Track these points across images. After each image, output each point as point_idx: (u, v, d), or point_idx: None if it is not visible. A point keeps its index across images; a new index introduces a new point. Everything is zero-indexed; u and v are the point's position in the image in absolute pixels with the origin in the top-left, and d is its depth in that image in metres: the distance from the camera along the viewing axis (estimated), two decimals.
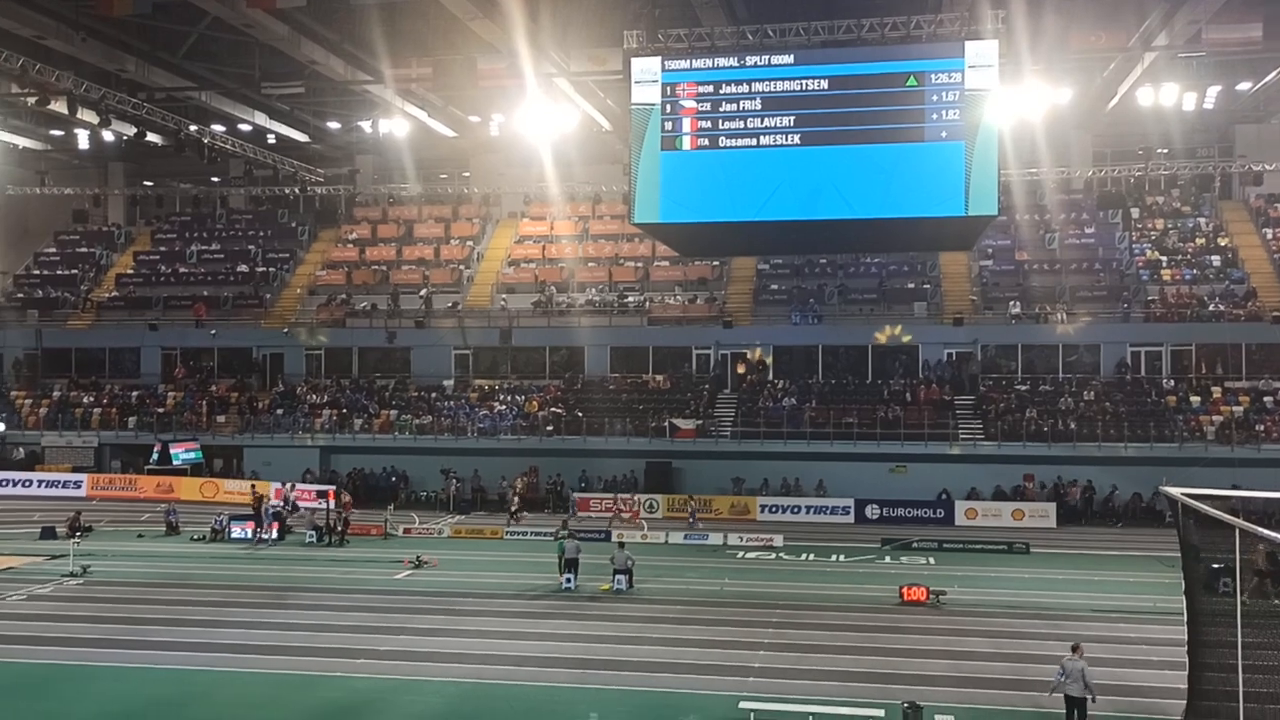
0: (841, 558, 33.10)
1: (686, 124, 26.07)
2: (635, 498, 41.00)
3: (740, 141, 25.95)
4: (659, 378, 47.11)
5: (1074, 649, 16.63)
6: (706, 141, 26.09)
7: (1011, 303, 46.46)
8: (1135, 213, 50.75)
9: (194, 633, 23.21)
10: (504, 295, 50.67)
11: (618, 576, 27.69)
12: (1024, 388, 44.34)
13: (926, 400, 43.64)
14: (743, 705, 17.55)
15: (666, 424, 43.42)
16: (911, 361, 46.06)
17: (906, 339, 45.64)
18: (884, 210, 25.85)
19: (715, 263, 50.15)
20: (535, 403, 45.79)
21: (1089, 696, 16.03)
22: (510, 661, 20.99)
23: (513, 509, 39.55)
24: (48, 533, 35.70)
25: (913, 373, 45.71)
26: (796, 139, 25.90)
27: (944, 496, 40.68)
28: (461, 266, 53.22)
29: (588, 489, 42.93)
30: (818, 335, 46.87)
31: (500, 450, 44.19)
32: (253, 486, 39.86)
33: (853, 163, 26.19)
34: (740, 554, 34.08)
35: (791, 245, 36.87)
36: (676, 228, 27.82)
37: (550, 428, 44.35)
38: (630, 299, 49.58)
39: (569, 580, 27.84)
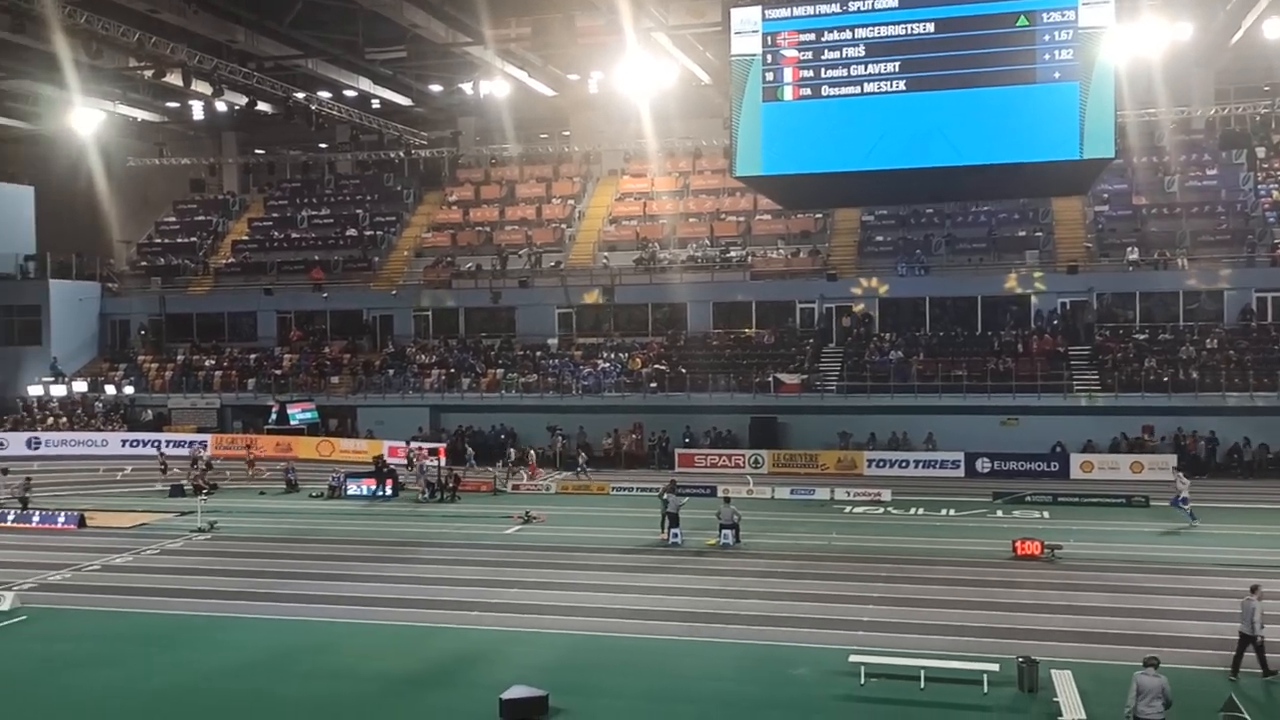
0: (952, 512, 32.63)
1: (788, 74, 25.59)
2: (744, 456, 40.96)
3: (844, 90, 25.39)
4: (762, 332, 46.82)
5: (1252, 590, 17.05)
6: (809, 91, 25.58)
7: (1129, 249, 44.87)
8: (1261, 152, 48.40)
9: (316, 586, 24.01)
10: (606, 253, 50.82)
11: (724, 531, 27.75)
12: (1142, 337, 42.88)
13: (1039, 351, 42.53)
14: (853, 659, 17.48)
15: (770, 379, 43.17)
16: (1023, 312, 44.89)
17: (1041, 286, 44.33)
18: (994, 156, 25.06)
19: (818, 215, 49.46)
20: (638, 359, 45.95)
21: (1257, 636, 16.61)
22: (619, 615, 21.24)
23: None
24: (176, 490, 37.26)
25: (1024, 323, 44.57)
26: (902, 85, 25.24)
27: (1058, 449, 39.70)
28: (563, 225, 53.49)
29: (692, 445, 43.01)
30: (924, 287, 45.99)
31: (604, 407, 44.50)
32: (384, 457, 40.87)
33: (960, 108, 25.39)
34: (847, 509, 33.83)
35: (897, 195, 36.03)
36: (779, 180, 27.41)
37: (654, 384, 44.49)
38: (732, 254, 49.26)
39: (676, 535, 28.00)
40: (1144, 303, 44.31)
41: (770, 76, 25.90)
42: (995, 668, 16.80)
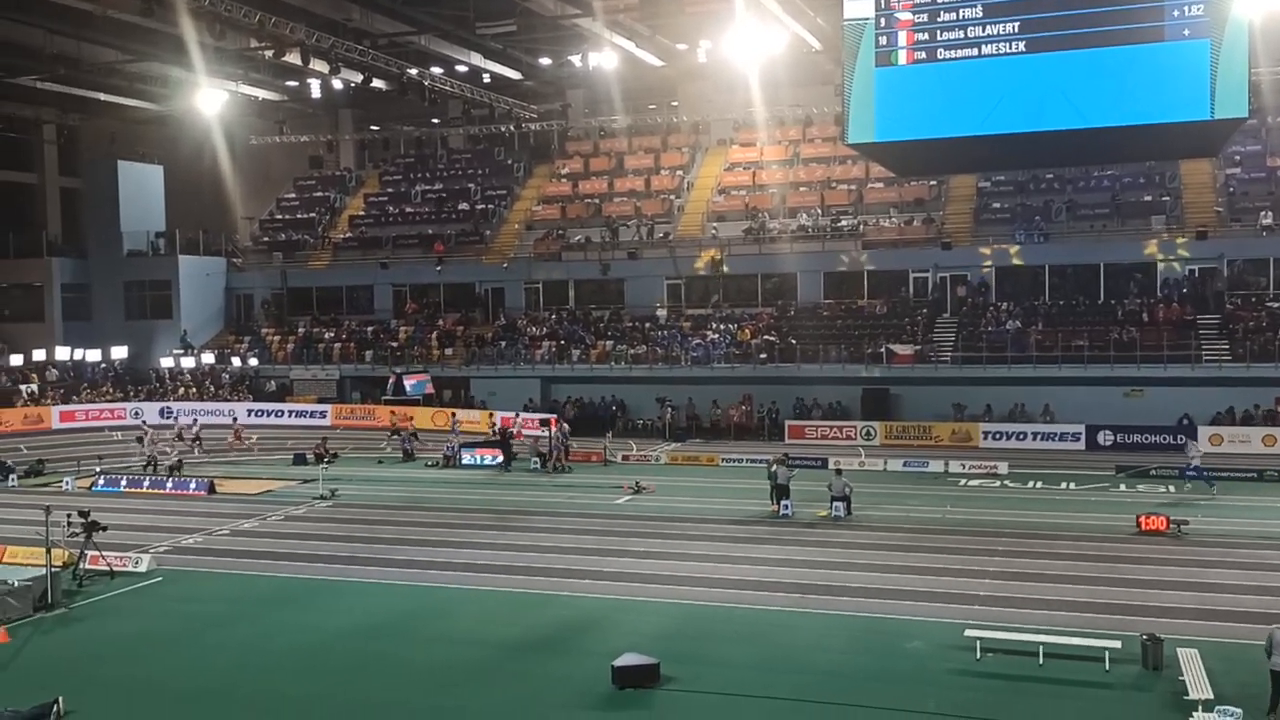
0: (1072, 485, 31.78)
1: (902, 37, 24.98)
2: None
3: (960, 52, 24.68)
4: (874, 302, 46.10)
5: None
6: (924, 55, 24.94)
7: (1262, 213, 42.78)
8: None
9: (432, 552, 24.60)
10: (714, 224, 50.57)
11: (835, 503, 27.54)
12: (1277, 305, 40.95)
13: (1165, 320, 40.98)
14: (969, 633, 17.20)
15: (883, 350, 42.53)
16: (1148, 280, 43.28)
17: (1167, 253, 42.67)
18: (1118, 118, 24.07)
19: (933, 182, 48.37)
20: (748, 330, 45.72)
21: None
22: (729, 585, 21.27)
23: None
24: (299, 459, 38.51)
25: (1150, 291, 42.97)
26: (1021, 46, 24.40)
27: (1185, 422, 38.27)
28: (672, 196, 53.38)
29: (802, 417, 42.68)
30: (1044, 254, 44.64)
31: (714, 378, 44.45)
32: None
33: (1083, 68, 24.45)
34: (962, 481, 33.24)
35: (1016, 160, 34.95)
36: (893, 146, 26.82)
37: (763, 355, 44.23)
38: (844, 223, 48.54)
39: (786, 507, 27.88)
40: (1278, 269, 42.30)
41: (884, 40, 25.32)
42: (1117, 645, 16.35)
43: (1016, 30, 24.42)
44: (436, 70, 48.24)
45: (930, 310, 44.84)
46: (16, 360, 49.58)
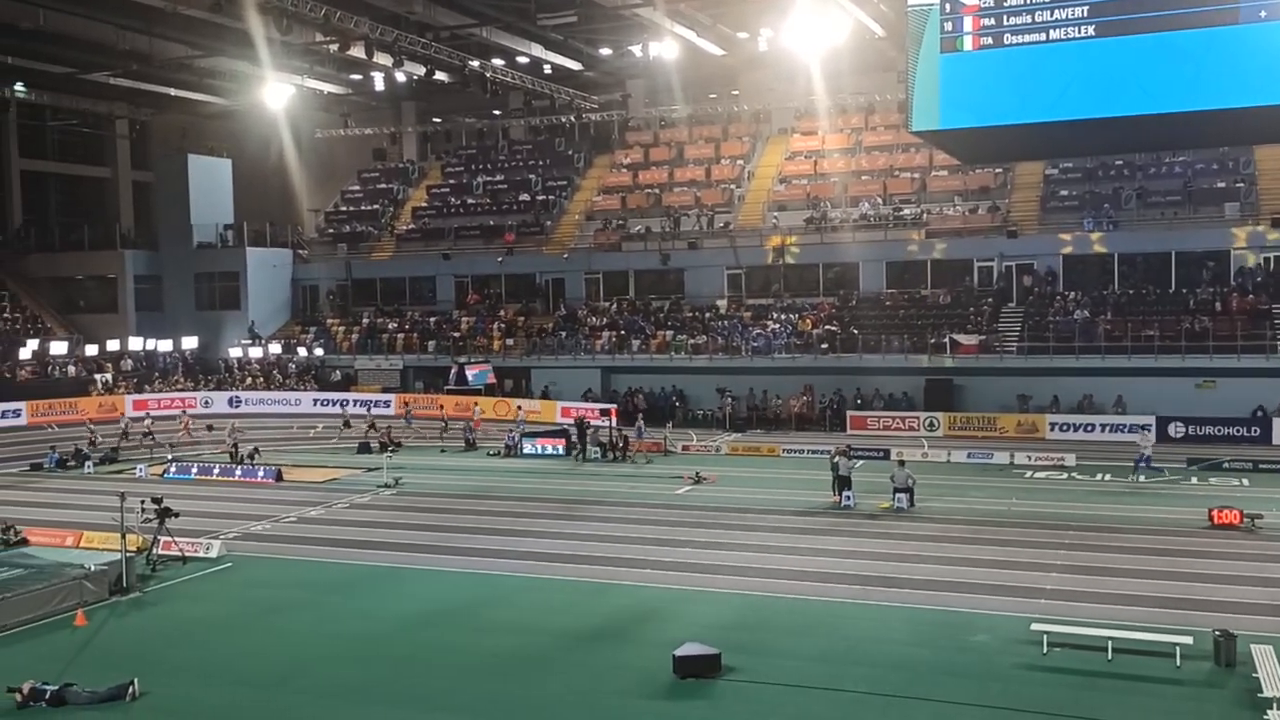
0: (1142, 478, 31.15)
1: (968, 23, 24.58)
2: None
3: (1028, 37, 24.22)
4: (938, 292, 45.55)
5: None
6: (990, 40, 24.53)
7: None
8: None
9: (494, 540, 24.79)
10: (775, 213, 50.27)
11: (898, 495, 27.28)
12: None
13: (1239, 310, 39.96)
14: (1035, 627, 16.95)
15: (946, 340, 42.02)
16: (1221, 268, 42.23)
17: (1242, 241, 41.60)
18: (1192, 102, 23.45)
19: (998, 169, 47.64)
20: (809, 321, 45.42)
21: None
22: (790, 576, 21.18)
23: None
24: (364, 447, 39.03)
25: (1223, 280, 41.92)
26: (1091, 30, 23.87)
27: (1260, 413, 37.33)
28: (732, 186, 53.17)
29: (864, 407, 42.33)
30: (1113, 242, 43.75)
31: (774, 369, 44.25)
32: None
33: (1155, 52, 23.86)
34: (1028, 473, 32.74)
35: (1085, 146, 34.21)
36: (958, 134, 26.42)
37: (824, 345, 43.92)
38: (906, 211, 48.01)
39: (848, 498, 27.69)
40: None
41: (949, 26, 24.93)
42: (1189, 641, 16.00)
43: (1086, 14, 23.90)
44: (498, 62, 48.52)
45: (995, 300, 44.20)
46: (92, 350, 50.81)
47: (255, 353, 52.36)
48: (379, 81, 52.68)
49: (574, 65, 53.16)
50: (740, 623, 18.32)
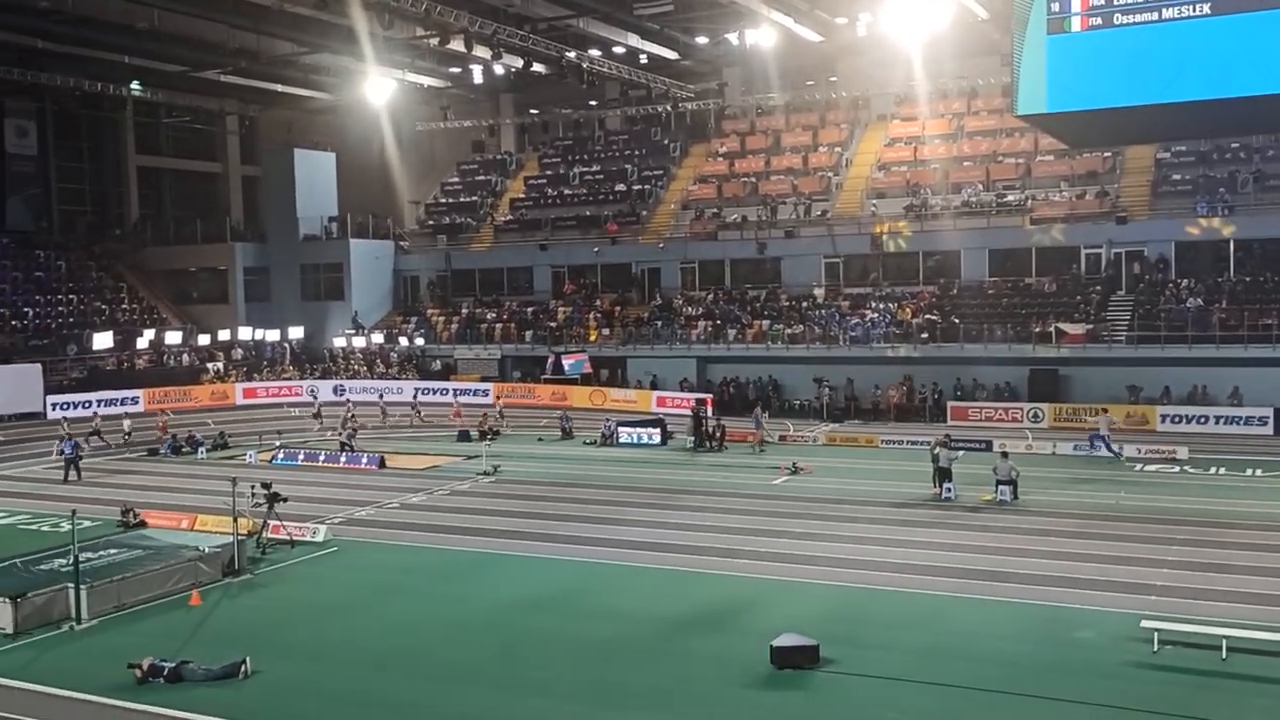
0: (1259, 472, 30.03)
1: (1076, 3, 23.78)
2: None
3: (1140, 17, 23.35)
4: (1043, 280, 44.44)
5: None
6: (1099, 20, 23.72)
7: None
8: None
9: (590, 528, 24.98)
10: (874, 201, 49.59)
11: (1001, 487, 26.72)
12: None
13: None
14: (1145, 624, 16.45)
15: (1051, 329, 40.98)
16: None
17: None
18: None
19: (1107, 153, 46.25)
20: (908, 310, 44.73)
21: None
22: (889, 569, 20.91)
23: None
24: (463, 435, 39.65)
25: None
26: (1206, 8, 22.91)
27: None
28: (829, 174, 52.59)
29: (965, 398, 41.55)
30: (1228, 228, 42.09)
31: (872, 358, 43.68)
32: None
33: (1275, 29, 22.90)
34: (1138, 466, 31.79)
35: (1199, 129, 32.92)
36: (1066, 117, 25.62)
37: (924, 335, 43.20)
38: (1010, 197, 46.92)
39: (949, 490, 27.23)
40: None
41: (1056, 7, 24.20)
42: None
43: None
44: (594, 52, 48.75)
45: (1104, 287, 42.96)
46: (204, 340, 52.56)
47: (359, 342, 53.55)
48: (478, 74, 53.36)
49: (670, 54, 53.12)
50: (838, 614, 18.16)
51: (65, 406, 42.85)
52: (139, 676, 15.49)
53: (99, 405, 43.15)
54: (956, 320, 43.11)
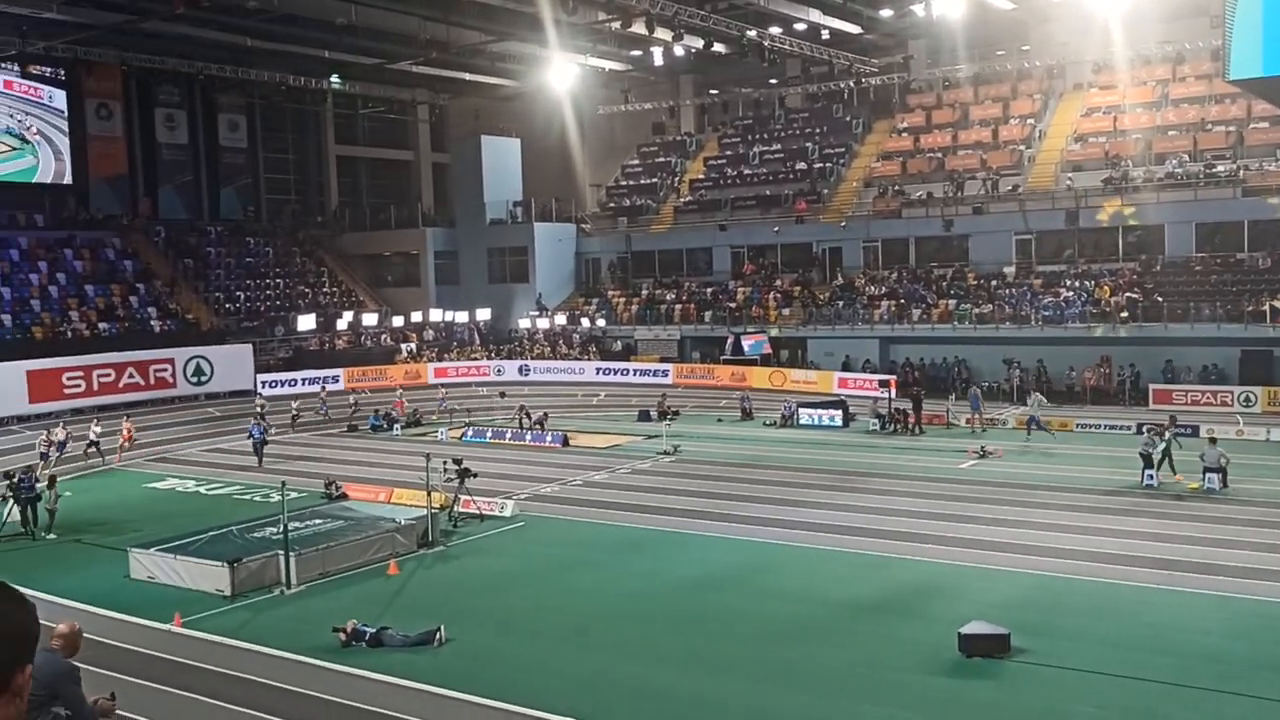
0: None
1: None
2: None
3: None
4: (1256, 255, 41.56)
5: None
6: None
7: None
8: None
9: (770, 509, 24.89)
10: (1069, 174, 47.38)
11: (1208, 475, 25.24)
12: None
13: None
14: None
15: (1266, 307, 38.32)
16: None
17: None
18: None
19: None
20: (1107, 288, 42.62)
21: None
22: (1085, 557, 20.07)
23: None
24: (644, 415, 40.10)
25: None
26: None
27: None
28: (1021, 147, 50.53)
29: (1171, 381, 39.35)
30: None
31: (1067, 339, 41.86)
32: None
33: None
34: None
35: None
36: None
37: (1124, 314, 41.11)
38: (1220, 168, 44.01)
39: (1150, 477, 25.89)
40: None
41: None
42: None
43: None
44: (775, 30, 48.19)
45: None
46: (398, 322, 54.87)
47: (543, 323, 54.82)
48: (658, 56, 53.57)
49: (853, 29, 52.01)
50: (1030, 603, 17.56)
51: (273, 384, 45.51)
52: (343, 640, 16.35)
53: (303, 384, 45.72)
54: (1160, 298, 40.83)
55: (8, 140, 50.47)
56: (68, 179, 52.29)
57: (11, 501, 24.47)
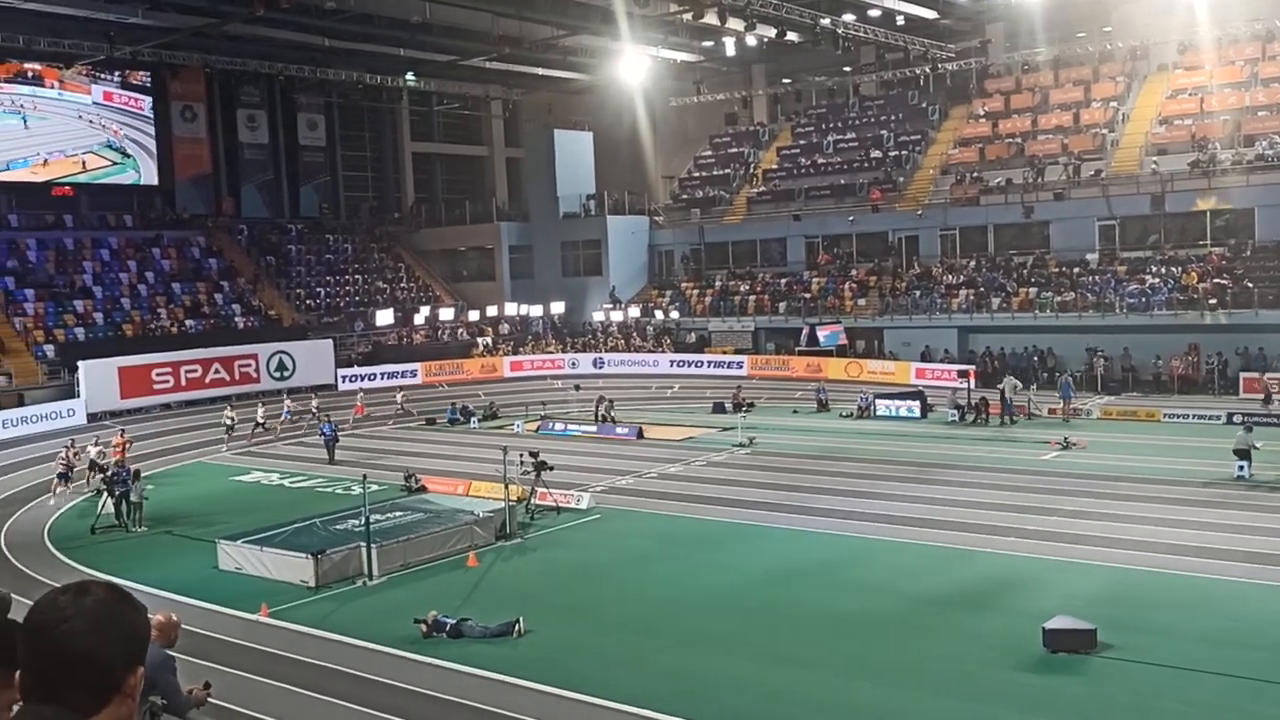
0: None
1: None
2: None
3: None
4: None
5: None
6: None
7: None
8: None
9: (847, 501, 24.69)
10: (1154, 158, 46.13)
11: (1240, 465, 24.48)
12: None
13: None
14: None
15: None
16: None
17: None
18: None
19: None
20: (1194, 274, 41.45)
21: None
22: (1172, 550, 19.58)
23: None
24: (718, 407, 40.04)
25: None
26: None
27: None
28: (1104, 131, 49.31)
29: (1262, 369, 38.16)
30: None
31: (1153, 326, 40.78)
32: None
33: None
34: None
35: None
36: None
37: (1213, 301, 39.95)
38: None
39: (1242, 469, 25.16)
40: None
41: None
42: None
43: None
44: (849, 17, 47.70)
45: None
46: (474, 316, 55.47)
47: (616, 316, 54.97)
48: (730, 46, 53.36)
49: (929, 14, 51.23)
50: (1115, 597, 17.19)
51: (354, 379, 46.31)
52: (424, 631, 16.60)
53: (383, 378, 46.48)
54: (1250, 284, 39.62)
55: (109, 154, 52.05)
56: (155, 180, 53.75)
57: (105, 494, 25.30)
